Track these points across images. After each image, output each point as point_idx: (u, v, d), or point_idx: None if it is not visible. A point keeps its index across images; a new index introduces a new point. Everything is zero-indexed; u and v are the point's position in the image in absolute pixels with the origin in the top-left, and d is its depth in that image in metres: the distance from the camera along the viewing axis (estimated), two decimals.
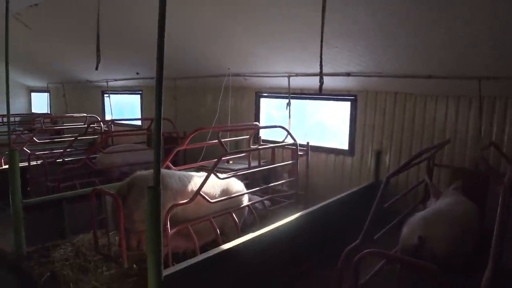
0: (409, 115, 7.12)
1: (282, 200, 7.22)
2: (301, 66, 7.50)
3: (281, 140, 7.48)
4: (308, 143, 7.46)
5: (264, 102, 9.16)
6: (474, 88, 5.92)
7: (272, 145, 7.41)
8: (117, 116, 12.14)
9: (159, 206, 3.13)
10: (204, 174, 6.03)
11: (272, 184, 6.90)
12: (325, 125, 8.84)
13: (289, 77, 7.84)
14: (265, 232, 4.70)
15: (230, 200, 5.84)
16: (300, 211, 7.03)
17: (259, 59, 7.73)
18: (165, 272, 3.36)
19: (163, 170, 5.46)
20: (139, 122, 11.98)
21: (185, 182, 5.40)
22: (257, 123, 8.04)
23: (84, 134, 9.02)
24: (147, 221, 3.16)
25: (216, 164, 5.31)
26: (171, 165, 6.15)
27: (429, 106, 6.90)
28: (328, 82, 7.66)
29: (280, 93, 8.63)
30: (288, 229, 5.16)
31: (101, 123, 11.07)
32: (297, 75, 7.73)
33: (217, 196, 5.72)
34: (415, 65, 6.29)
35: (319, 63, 4.69)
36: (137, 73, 10.26)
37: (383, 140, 7.48)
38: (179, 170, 6.06)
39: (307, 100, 8.65)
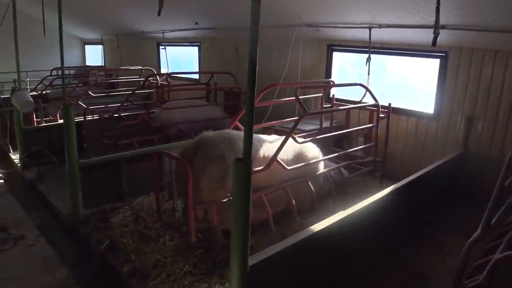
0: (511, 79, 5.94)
1: (358, 167, 6.38)
2: (384, 16, 6.36)
3: (356, 99, 6.54)
4: (390, 104, 6.44)
5: (336, 57, 8.10)
6: None
7: (352, 105, 6.45)
8: (173, 69, 11.51)
9: (248, 183, 2.40)
10: (275, 137, 5.32)
11: (351, 150, 6.01)
12: (406, 85, 7.70)
13: (370, 28, 6.71)
14: (355, 211, 3.90)
15: (305, 167, 5.09)
16: (377, 180, 6.28)
17: (335, 7, 6.64)
18: (251, 261, 2.70)
19: (233, 132, 4.76)
20: (196, 76, 11.31)
21: (257, 146, 4.68)
22: (333, 79, 7.07)
23: (141, 88, 8.44)
24: (235, 202, 2.46)
25: (295, 125, 4.51)
26: (239, 124, 5.43)
27: None
28: (413, 35, 6.56)
29: (357, 47, 7.55)
30: (377, 207, 4.32)
31: (157, 76, 10.50)
32: (380, 26, 6.59)
33: (290, 162, 4.99)
34: None
35: (404, 12, 3.72)
36: (196, 23, 9.45)
37: (477, 106, 6.34)
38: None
39: (387, 56, 7.50)
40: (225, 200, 4.25)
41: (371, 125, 6.23)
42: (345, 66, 8.25)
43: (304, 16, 7.24)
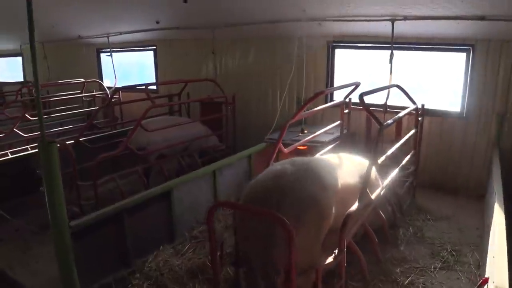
0: None
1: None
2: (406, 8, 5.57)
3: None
4: (423, 105, 5.62)
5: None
6: None
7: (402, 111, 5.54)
8: (121, 80, 9.66)
9: None
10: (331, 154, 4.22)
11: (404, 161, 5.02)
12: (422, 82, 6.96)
13: (393, 21, 5.83)
14: None
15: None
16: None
17: None
18: None
19: (310, 161, 3.52)
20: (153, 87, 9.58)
21: (333, 172, 3.48)
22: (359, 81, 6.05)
23: (107, 105, 6.70)
24: None
25: (374, 145, 3.39)
26: (282, 147, 4.20)
27: None
28: (434, 28, 5.84)
29: (364, 43, 6.69)
30: None
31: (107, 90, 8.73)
32: (406, 18, 5.73)
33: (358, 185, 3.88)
34: None
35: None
36: (157, 22, 7.84)
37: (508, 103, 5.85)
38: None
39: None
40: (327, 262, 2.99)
41: (413, 131, 5.34)
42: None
43: (307, 8, 6.15)
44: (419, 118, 5.45)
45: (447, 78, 6.52)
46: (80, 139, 5.91)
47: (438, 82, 6.66)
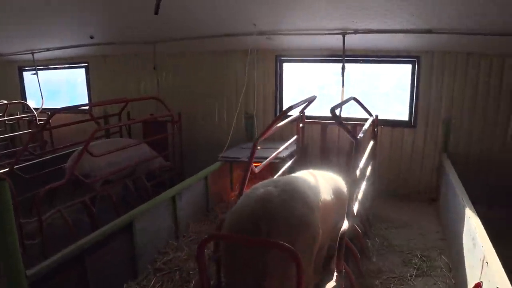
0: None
1: None
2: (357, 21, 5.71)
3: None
4: (377, 116, 5.74)
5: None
6: None
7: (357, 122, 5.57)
8: (48, 100, 8.77)
9: None
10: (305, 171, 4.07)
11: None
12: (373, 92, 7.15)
13: (344, 34, 5.93)
14: None
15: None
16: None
17: (300, 11, 5.69)
18: None
19: (290, 180, 3.32)
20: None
21: (314, 191, 3.33)
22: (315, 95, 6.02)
23: (42, 128, 5.97)
24: None
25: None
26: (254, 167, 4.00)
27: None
28: (383, 41, 6.06)
29: (311, 56, 6.73)
30: None
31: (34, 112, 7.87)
32: (356, 32, 5.85)
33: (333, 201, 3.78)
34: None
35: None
36: (92, 37, 7.25)
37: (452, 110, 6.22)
38: None
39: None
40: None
41: (372, 142, 5.40)
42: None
43: (259, 23, 6.05)
44: (375, 129, 5.56)
45: (393, 89, 6.79)
46: (14, 168, 5.18)
47: (384, 93, 6.90)
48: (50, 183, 4.68)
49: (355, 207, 3.78)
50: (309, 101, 5.33)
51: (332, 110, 3.90)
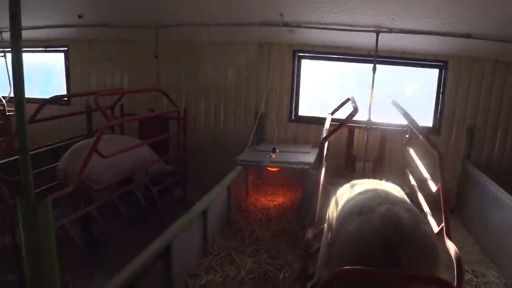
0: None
1: None
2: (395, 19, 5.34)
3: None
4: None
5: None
6: None
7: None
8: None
9: None
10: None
11: None
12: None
13: (378, 32, 5.52)
14: None
15: None
16: None
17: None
18: None
19: (387, 192, 2.90)
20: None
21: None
22: (353, 95, 5.56)
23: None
24: None
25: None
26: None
27: None
28: (411, 43, 5.75)
29: (334, 54, 6.28)
30: None
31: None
32: (391, 31, 5.47)
33: None
34: None
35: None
36: (80, 16, 6.26)
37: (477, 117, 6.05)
38: None
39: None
40: None
41: (411, 150, 5.07)
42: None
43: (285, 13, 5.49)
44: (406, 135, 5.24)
45: (415, 93, 6.51)
46: None
47: (409, 96, 6.59)
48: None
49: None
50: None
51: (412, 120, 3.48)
